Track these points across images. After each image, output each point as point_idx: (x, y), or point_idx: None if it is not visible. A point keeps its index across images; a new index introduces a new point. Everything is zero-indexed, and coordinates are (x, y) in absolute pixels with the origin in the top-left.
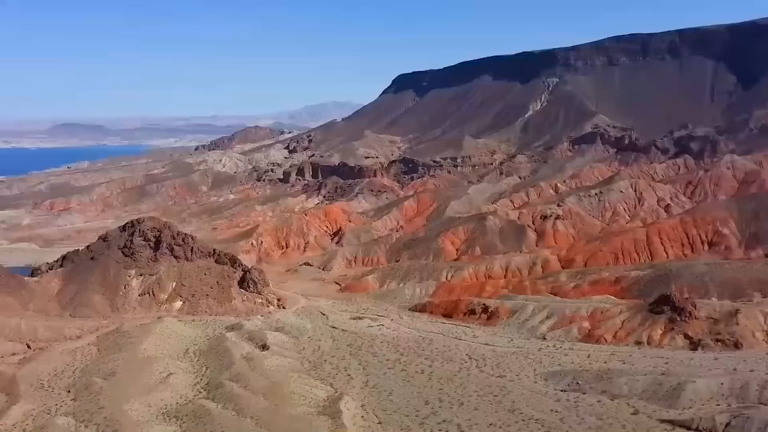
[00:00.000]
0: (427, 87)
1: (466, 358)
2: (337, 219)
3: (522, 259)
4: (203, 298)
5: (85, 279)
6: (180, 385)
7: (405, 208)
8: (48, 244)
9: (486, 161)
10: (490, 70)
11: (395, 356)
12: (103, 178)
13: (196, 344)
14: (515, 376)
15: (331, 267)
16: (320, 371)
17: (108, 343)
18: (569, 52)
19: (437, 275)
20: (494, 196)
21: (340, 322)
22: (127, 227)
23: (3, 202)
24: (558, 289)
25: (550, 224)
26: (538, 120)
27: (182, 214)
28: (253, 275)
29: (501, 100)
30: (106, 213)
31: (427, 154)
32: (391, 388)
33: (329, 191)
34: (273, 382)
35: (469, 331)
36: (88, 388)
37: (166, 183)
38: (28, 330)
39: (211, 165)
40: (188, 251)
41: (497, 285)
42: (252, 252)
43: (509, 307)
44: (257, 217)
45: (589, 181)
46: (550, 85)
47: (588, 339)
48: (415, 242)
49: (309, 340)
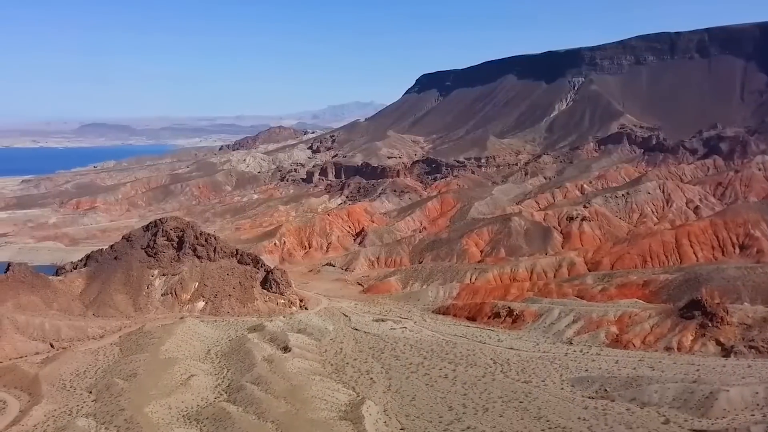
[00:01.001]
0: (451, 87)
1: (490, 363)
2: (360, 219)
3: (547, 261)
4: (225, 299)
5: (108, 278)
6: (201, 387)
7: (428, 208)
8: (73, 243)
9: (510, 161)
10: (514, 69)
11: (418, 360)
12: (128, 177)
13: (218, 345)
14: (541, 381)
15: (354, 268)
16: (342, 374)
17: (130, 344)
18: (595, 51)
19: (461, 277)
20: (519, 197)
21: (362, 323)
22: (150, 227)
23: (30, 201)
24: (584, 292)
25: (576, 226)
26: (563, 120)
27: (206, 213)
28: (276, 276)
29: (526, 99)
30: (131, 212)
31: (451, 154)
32: (414, 393)
33: (352, 191)
34: (294, 385)
35: (493, 334)
36: (109, 389)
37: (191, 182)
38: (51, 329)
39: (235, 165)
40: (211, 251)
41: (522, 288)
42: (275, 252)
43: (535, 311)
44: (280, 217)
45: (615, 182)
46: (576, 85)
47: (616, 344)
48: (439, 243)
49: (331, 342)
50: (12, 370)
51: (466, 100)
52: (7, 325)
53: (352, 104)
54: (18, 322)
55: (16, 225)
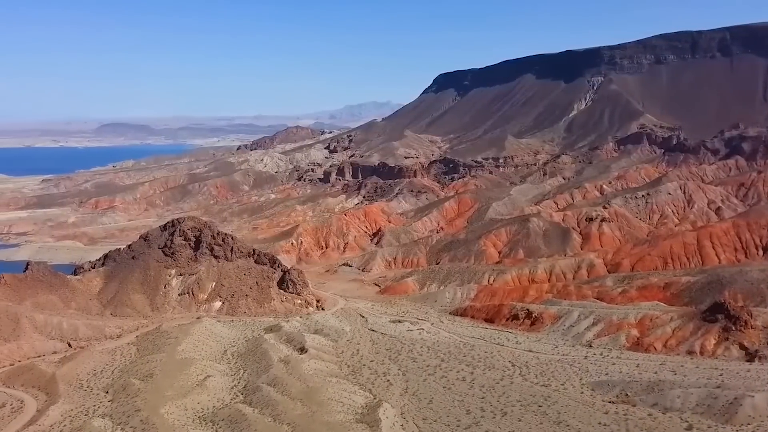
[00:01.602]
0: (469, 86)
1: (508, 366)
2: (377, 219)
3: (567, 262)
4: (242, 299)
5: (126, 278)
6: (217, 388)
7: (445, 209)
8: (92, 242)
9: (529, 162)
10: (533, 69)
11: (436, 362)
12: (146, 177)
13: (234, 346)
14: (560, 385)
15: (371, 268)
16: (359, 376)
17: (147, 343)
18: (614, 51)
19: (479, 278)
20: (537, 198)
21: (379, 325)
22: (168, 227)
23: (50, 201)
24: (604, 294)
25: (595, 227)
26: (582, 120)
27: (223, 213)
28: (293, 276)
29: (544, 99)
30: (149, 212)
31: (468, 154)
32: (431, 396)
33: (369, 191)
34: (310, 387)
35: (511, 337)
36: (125, 389)
37: (208, 182)
38: (69, 328)
39: (252, 164)
40: (228, 251)
41: (541, 289)
42: (292, 252)
43: (554, 313)
44: (297, 216)
45: (635, 182)
46: (595, 84)
47: (637, 347)
48: (456, 244)
49: (348, 344)
50: (30, 369)
51: (484, 100)
52: (25, 324)
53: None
54: (36, 321)
55: (36, 224)
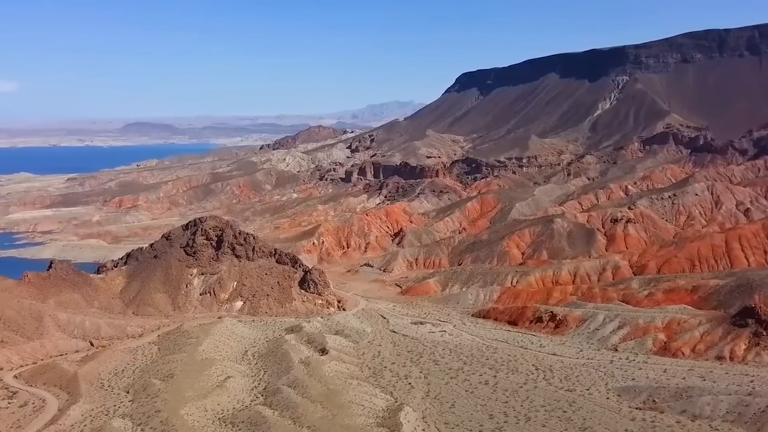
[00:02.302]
0: (492, 85)
1: (532, 369)
2: (399, 219)
3: (591, 264)
4: (264, 299)
5: (148, 277)
6: (237, 390)
7: (468, 209)
8: (116, 241)
9: (553, 161)
10: (557, 68)
11: (458, 365)
12: (169, 176)
13: (255, 346)
14: (585, 390)
15: (392, 268)
16: (380, 379)
17: (168, 343)
18: (640, 49)
19: (502, 280)
20: (561, 198)
21: (400, 326)
22: (190, 226)
23: (75, 199)
24: (630, 296)
25: (620, 228)
26: (607, 119)
27: (246, 212)
28: (314, 276)
29: (568, 98)
30: (172, 210)
31: (491, 153)
32: (453, 400)
33: (390, 191)
34: (331, 389)
35: (535, 339)
36: (146, 390)
37: (231, 181)
38: (92, 327)
39: (275, 164)
40: (249, 251)
41: (565, 291)
42: (313, 251)
43: (578, 316)
44: (319, 216)
45: (661, 183)
46: (620, 84)
47: (664, 352)
48: (479, 245)
49: (369, 345)
50: (52, 368)
51: (507, 99)
52: (48, 323)
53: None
54: (59, 319)
55: (60, 222)
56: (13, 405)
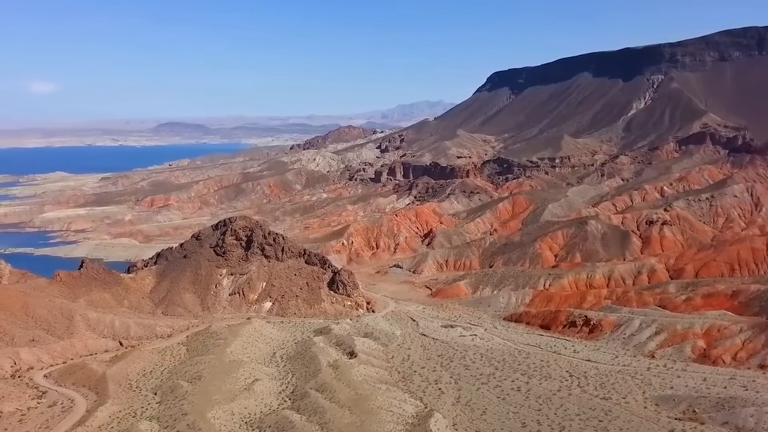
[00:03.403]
0: (524, 84)
1: (566, 376)
2: (428, 220)
3: (626, 267)
4: (292, 299)
5: (177, 277)
6: (265, 393)
7: (499, 210)
8: (147, 240)
9: (586, 162)
10: (590, 66)
11: (489, 370)
12: (201, 175)
13: (284, 348)
14: (622, 398)
15: (422, 270)
16: (409, 383)
17: (197, 344)
18: (676, 48)
19: (534, 283)
20: (595, 199)
21: (430, 329)
22: (219, 226)
23: (108, 198)
24: (667, 301)
25: (656, 230)
26: (641, 119)
27: (276, 212)
28: (343, 277)
29: (602, 98)
30: (203, 210)
31: (523, 154)
32: (485, 406)
33: (420, 191)
34: (359, 394)
35: (569, 345)
36: (173, 392)
37: (262, 181)
38: (121, 327)
39: (305, 164)
40: (279, 251)
41: (599, 295)
42: (343, 252)
43: (613, 320)
44: (348, 216)
45: (698, 184)
46: (655, 83)
47: (703, 359)
48: (510, 247)
49: (398, 348)
50: (81, 368)
51: (539, 99)
52: (79, 322)
53: (422, 103)
54: (89, 319)
55: (93, 221)
56: (42, 405)
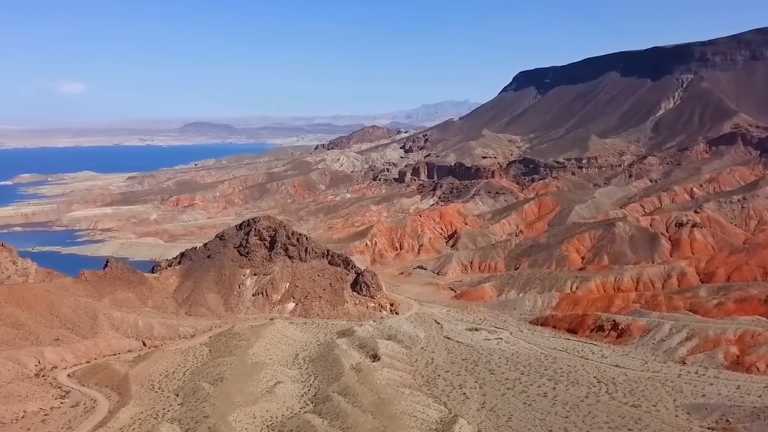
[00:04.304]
0: (550, 84)
1: (594, 382)
2: (453, 221)
3: (655, 270)
4: (316, 300)
5: (201, 277)
6: (287, 396)
7: (525, 211)
8: (172, 240)
9: (613, 162)
10: (618, 66)
11: (515, 375)
12: (226, 175)
13: (306, 350)
14: (652, 406)
15: (446, 271)
16: (433, 388)
17: (219, 345)
18: (706, 47)
19: (561, 285)
20: (623, 201)
21: (455, 332)
22: (243, 226)
23: (134, 198)
24: (698, 306)
25: (686, 232)
26: (670, 119)
27: (300, 212)
28: (366, 278)
29: (630, 97)
30: (228, 210)
31: (550, 154)
32: (510, 413)
33: (445, 192)
34: (382, 398)
35: (596, 349)
36: (195, 393)
37: (286, 181)
38: (145, 327)
39: (329, 164)
40: (302, 251)
41: (628, 299)
42: (366, 252)
43: (642, 325)
44: (372, 216)
45: (729, 185)
46: (685, 82)
47: (736, 367)
48: (537, 248)
49: (422, 351)
50: (104, 368)
51: (566, 98)
52: (103, 321)
53: (446, 103)
54: (113, 318)
55: (120, 220)
56: (65, 405)
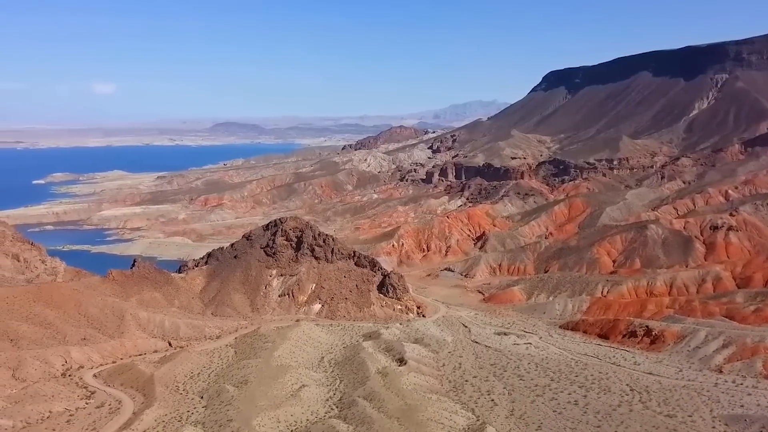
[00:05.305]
0: (580, 84)
1: (626, 390)
2: (481, 223)
3: (689, 274)
4: (342, 302)
5: (227, 277)
6: (311, 400)
7: (555, 213)
8: (200, 239)
9: (645, 164)
10: (650, 65)
11: (544, 381)
12: (254, 175)
13: (332, 352)
14: (687, 416)
15: (474, 274)
16: (461, 393)
17: (244, 346)
18: (741, 46)
19: (591, 289)
20: (655, 203)
21: (483, 336)
22: (270, 226)
23: (162, 197)
24: (734, 312)
25: (721, 236)
26: (704, 119)
27: (327, 212)
28: (393, 280)
29: (662, 97)
30: (256, 209)
31: (580, 155)
32: (540, 420)
33: (473, 193)
34: (409, 404)
35: (629, 356)
36: (220, 396)
37: (314, 181)
38: (171, 327)
39: (356, 164)
40: (329, 252)
41: (661, 304)
42: (393, 254)
43: (677, 331)
44: (399, 217)
45: (765, 187)
46: (719, 82)
47: None
48: (567, 251)
49: (449, 356)
50: (130, 369)
51: (596, 98)
52: (129, 321)
53: (475, 103)
54: (140, 318)
55: (149, 220)
56: (90, 406)
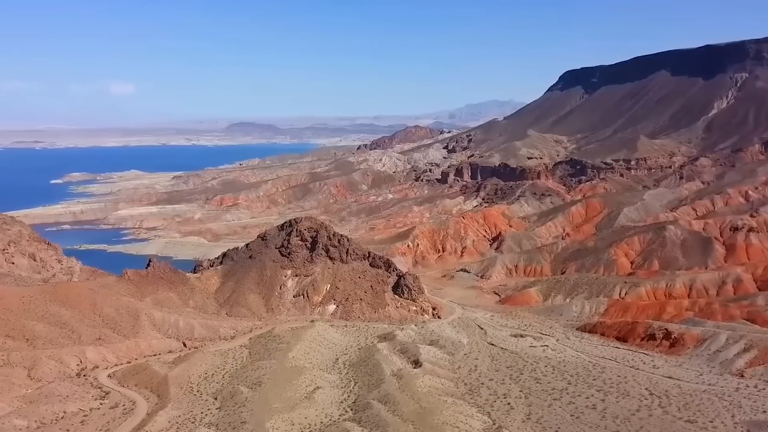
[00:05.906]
0: (597, 83)
1: (645, 394)
2: (497, 223)
3: (709, 276)
4: (357, 303)
5: (242, 277)
6: (326, 402)
7: (572, 213)
8: (215, 239)
9: (663, 164)
10: (668, 64)
11: (562, 384)
12: (270, 175)
13: (347, 354)
14: (708, 422)
15: (490, 275)
16: (476, 397)
17: (259, 347)
18: (761, 44)
19: (609, 291)
20: (673, 203)
21: (499, 338)
22: (285, 226)
23: (179, 197)
24: (756, 315)
25: (741, 237)
26: (723, 119)
27: (342, 212)
28: (408, 281)
29: (680, 97)
30: (271, 209)
31: (597, 155)
32: (557, 425)
33: (488, 193)
34: (424, 407)
35: (647, 359)
36: (233, 397)
37: (329, 181)
38: (185, 327)
39: (371, 164)
40: (343, 253)
41: (680, 306)
42: (408, 254)
43: (697, 335)
44: (414, 217)
45: None
46: (739, 81)
47: None
48: (584, 252)
49: (465, 358)
50: (144, 369)
51: (613, 98)
52: (144, 321)
53: (490, 103)
54: (155, 318)
55: (165, 219)
56: (104, 406)
